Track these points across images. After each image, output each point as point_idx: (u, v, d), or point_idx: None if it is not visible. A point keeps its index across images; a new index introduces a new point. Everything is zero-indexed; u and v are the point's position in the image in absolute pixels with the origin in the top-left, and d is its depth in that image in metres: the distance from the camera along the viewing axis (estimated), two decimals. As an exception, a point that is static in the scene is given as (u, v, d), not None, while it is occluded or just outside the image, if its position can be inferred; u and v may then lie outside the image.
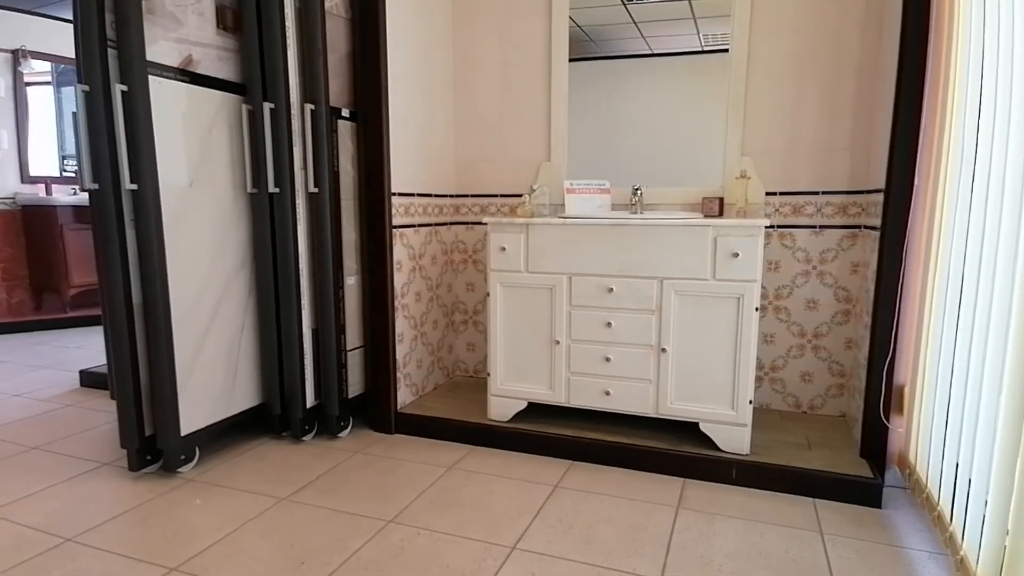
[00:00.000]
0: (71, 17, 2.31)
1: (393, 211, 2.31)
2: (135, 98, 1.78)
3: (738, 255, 1.91)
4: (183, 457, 2.02)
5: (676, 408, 2.07)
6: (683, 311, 2.02)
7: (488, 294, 2.25)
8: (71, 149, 4.97)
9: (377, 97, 2.22)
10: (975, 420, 1.35)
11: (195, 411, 2.04)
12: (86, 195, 4.74)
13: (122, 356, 1.91)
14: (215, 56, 2.05)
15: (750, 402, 1.98)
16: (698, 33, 2.40)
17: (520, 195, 2.66)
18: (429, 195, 2.57)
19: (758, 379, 2.43)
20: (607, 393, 2.13)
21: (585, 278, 2.11)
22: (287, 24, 2.07)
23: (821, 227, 2.31)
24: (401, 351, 2.43)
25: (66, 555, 1.57)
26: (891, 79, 1.84)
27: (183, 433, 2.00)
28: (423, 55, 2.48)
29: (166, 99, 1.88)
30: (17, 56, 4.62)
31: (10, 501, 1.85)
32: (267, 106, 2.07)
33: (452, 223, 2.78)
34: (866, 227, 2.18)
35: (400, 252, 2.38)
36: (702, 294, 1.98)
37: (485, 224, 2.73)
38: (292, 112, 2.12)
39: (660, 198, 2.44)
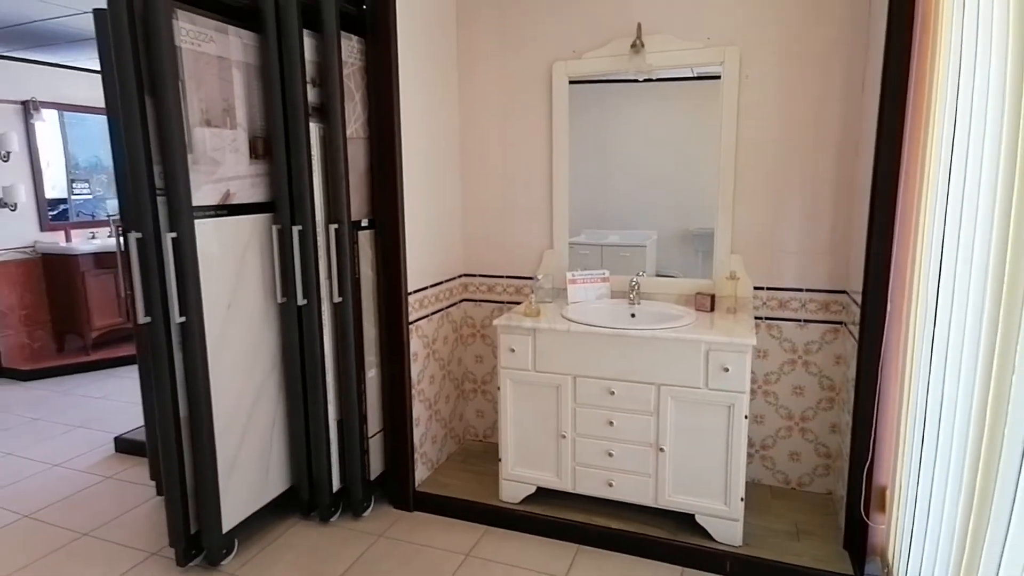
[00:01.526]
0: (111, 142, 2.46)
1: (409, 308, 2.50)
2: (183, 242, 1.96)
3: (728, 369, 2.12)
4: (224, 551, 2.23)
5: (674, 500, 2.28)
6: (679, 414, 2.22)
7: (499, 386, 2.45)
8: (78, 173, 5.13)
9: (394, 208, 2.40)
10: (949, 525, 1.46)
11: (234, 507, 2.25)
12: (104, 242, 4.93)
13: (171, 465, 2.11)
14: (248, 184, 2.23)
15: (741, 499, 2.19)
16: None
17: (524, 277, 2.86)
18: (440, 283, 2.76)
19: (749, 456, 2.64)
20: (610, 484, 2.35)
21: (588, 380, 2.31)
22: (312, 151, 2.25)
23: (805, 321, 2.51)
24: (418, 433, 2.64)
25: (136, 663, 1.79)
26: (867, 193, 2.00)
27: (224, 530, 2.21)
28: (435, 157, 2.66)
29: (208, 235, 2.06)
30: (28, 107, 4.77)
31: (76, 600, 2.06)
32: (295, 228, 2.25)
33: (461, 301, 2.97)
34: (847, 324, 2.38)
35: (416, 344, 2.58)
36: (696, 401, 2.19)
37: (492, 302, 2.94)
38: (317, 229, 2.30)
39: (657, 288, 2.64)
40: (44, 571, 2.23)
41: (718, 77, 2.46)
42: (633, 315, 2.48)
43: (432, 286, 2.69)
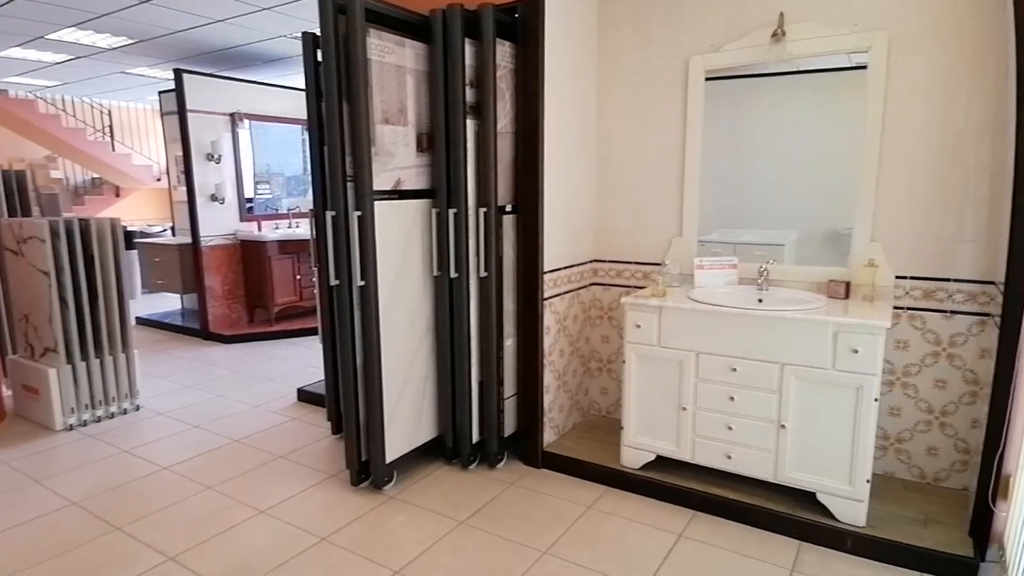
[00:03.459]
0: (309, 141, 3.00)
1: (544, 286, 2.79)
2: (365, 220, 2.40)
3: (858, 351, 2.15)
4: (386, 479, 2.67)
5: (794, 477, 2.34)
6: (803, 394, 2.28)
7: (624, 361, 2.66)
8: (261, 176, 6.03)
9: (535, 196, 2.70)
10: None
11: (394, 444, 2.68)
12: (285, 232, 5.80)
13: (348, 403, 2.58)
14: (415, 173, 2.64)
15: (867, 481, 2.20)
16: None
17: (652, 263, 3.02)
18: (572, 265, 3.02)
19: (882, 448, 2.60)
20: (729, 457, 2.46)
21: (711, 357, 2.44)
22: (468, 144, 2.61)
23: (952, 312, 2.43)
24: (547, 399, 2.91)
25: (324, 552, 2.24)
26: (1010, 179, 1.95)
27: (388, 460, 2.64)
28: (573, 150, 2.92)
29: (383, 215, 2.50)
30: (234, 119, 5.74)
31: (278, 502, 2.60)
32: (451, 212, 2.63)
33: (591, 284, 3.21)
34: (995, 316, 2.28)
35: (549, 318, 2.86)
36: (821, 381, 2.23)
37: (620, 287, 3.13)
38: (469, 213, 2.66)
39: (786, 275, 2.68)
40: (253, 479, 2.81)
41: (861, 68, 2.45)
42: (760, 300, 2.55)
43: (565, 268, 2.95)
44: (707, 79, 2.78)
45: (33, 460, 3.04)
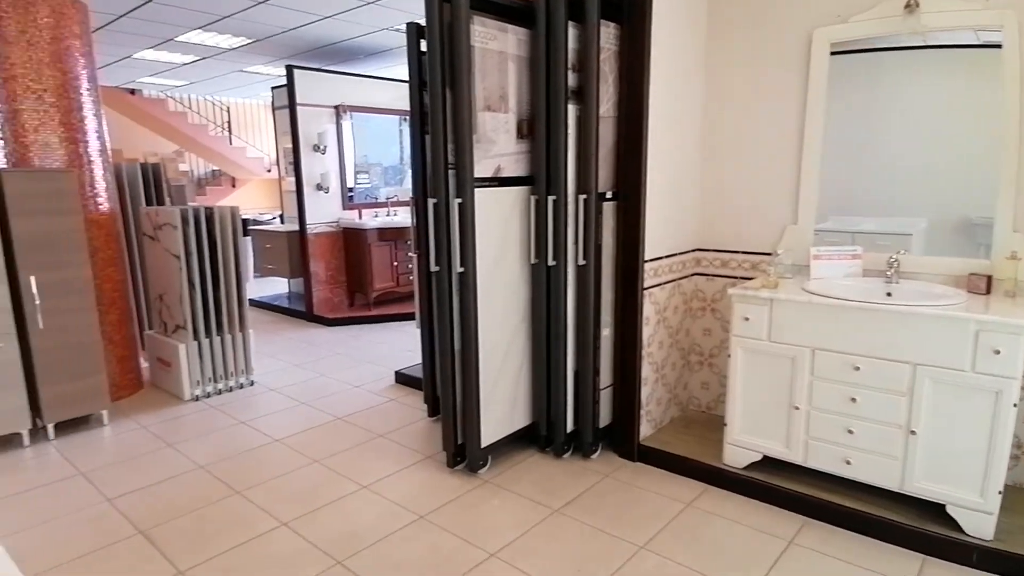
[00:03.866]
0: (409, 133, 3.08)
1: (644, 275, 2.70)
2: (465, 207, 2.43)
3: (999, 352, 1.91)
4: (481, 462, 2.71)
5: (921, 487, 2.14)
6: (936, 397, 2.07)
7: (729, 355, 2.53)
8: (360, 166, 6.26)
9: (637, 181, 2.61)
10: None
11: (489, 429, 2.71)
12: (383, 220, 6.02)
13: (446, 386, 2.63)
14: (514, 160, 2.64)
15: (999, 492, 1.98)
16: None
17: (761, 253, 2.85)
18: (674, 254, 2.90)
19: (1015, 457, 2.32)
20: (848, 462, 2.28)
21: (830, 354, 2.26)
22: (568, 130, 2.57)
23: (1118, 311, 2.11)
24: (644, 392, 2.83)
25: (423, 529, 2.31)
26: None
27: (483, 445, 2.68)
28: (677, 134, 2.80)
29: (483, 202, 2.51)
30: (338, 111, 6.00)
31: (379, 479, 2.71)
32: (550, 198, 2.60)
33: (693, 274, 3.08)
34: None
35: (648, 309, 2.77)
36: (959, 384, 2.02)
37: (725, 277, 2.98)
38: (568, 200, 2.62)
39: (919, 267, 2.43)
40: (355, 455, 2.95)
41: (995, 46, 2.17)
42: (889, 294, 2.34)
43: (666, 257, 2.85)
44: (832, 54, 2.56)
45: (166, 426, 3.35)
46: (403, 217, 6.31)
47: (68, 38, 3.30)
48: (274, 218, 8.82)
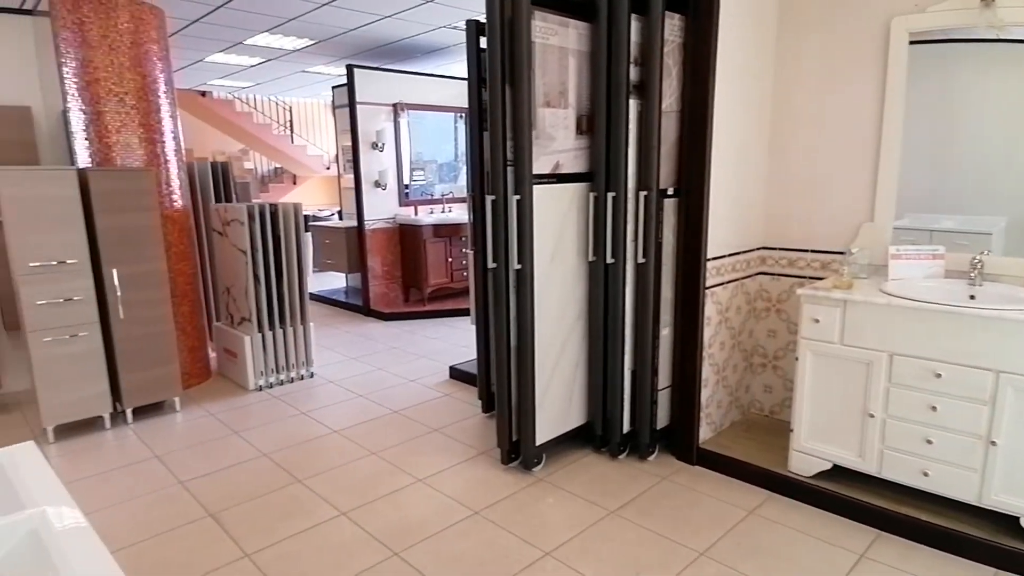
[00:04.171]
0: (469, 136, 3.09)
1: (706, 274, 2.62)
2: (523, 203, 2.41)
3: (1105, 362, 1.76)
4: (536, 460, 2.69)
5: (998, 500, 2.00)
6: (1019, 406, 1.92)
7: (797, 358, 2.42)
8: (415, 163, 6.33)
9: (700, 178, 2.53)
10: None
11: (544, 427, 2.69)
12: (439, 216, 6.09)
13: (502, 382, 2.63)
14: (573, 156, 2.60)
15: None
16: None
17: (832, 252, 2.72)
18: (737, 253, 2.80)
19: None
20: (925, 474, 2.15)
21: (908, 359, 2.13)
22: (629, 126, 2.51)
23: None
24: (704, 394, 2.75)
25: (478, 525, 2.32)
26: None
27: (537, 442, 2.66)
28: (743, 128, 2.70)
29: (540, 199, 2.49)
30: (396, 109, 6.10)
31: (434, 473, 2.74)
32: (610, 195, 2.56)
33: (758, 274, 2.96)
34: None
35: (710, 308, 2.69)
36: (1051, 395, 1.87)
37: (792, 277, 2.86)
38: (628, 196, 2.57)
39: (1006, 269, 2.27)
40: (411, 448, 2.99)
41: None
42: (972, 296, 2.19)
43: (730, 255, 2.75)
44: (911, 43, 2.41)
45: (232, 414, 3.50)
46: (457, 214, 6.37)
47: (147, 42, 3.47)
48: (332, 214, 9.07)
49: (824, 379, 2.36)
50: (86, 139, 3.38)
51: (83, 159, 3.41)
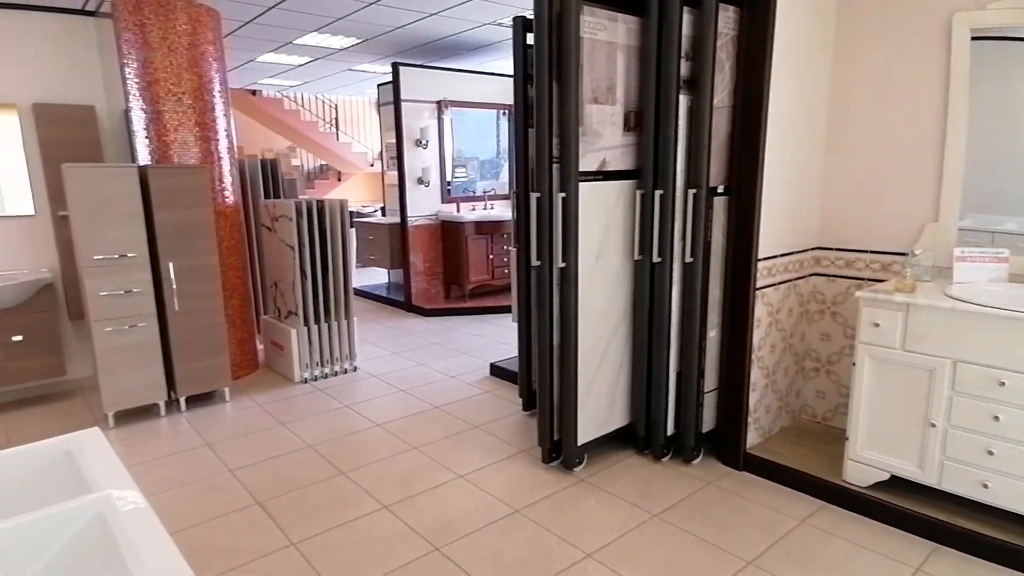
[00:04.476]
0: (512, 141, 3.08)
1: (757, 274, 2.54)
2: (569, 201, 2.39)
3: None
4: (577, 460, 2.67)
5: (1077, 522, 1.87)
6: (1104, 423, 1.80)
7: (854, 363, 2.32)
8: (457, 160, 6.37)
9: (753, 175, 2.45)
10: None
11: (586, 427, 2.66)
12: (481, 213, 6.11)
13: (544, 381, 2.62)
14: (619, 153, 2.56)
15: None
16: None
17: (893, 253, 2.60)
18: (790, 253, 2.71)
19: None
20: (985, 486, 2.03)
21: (972, 366, 2.02)
22: (679, 122, 2.46)
23: None
24: (753, 398, 2.67)
25: (518, 523, 2.31)
26: None
27: (579, 442, 2.64)
28: (799, 124, 2.60)
29: (586, 196, 2.46)
30: (440, 106, 6.13)
31: (474, 470, 2.74)
32: (657, 193, 2.51)
33: (811, 275, 2.86)
34: None
35: (760, 310, 2.61)
36: None
37: (849, 278, 2.75)
38: (676, 194, 2.52)
39: (1084, 273, 2.12)
40: (451, 444, 3.00)
41: None
42: (1043, 301, 2.06)
43: (782, 255, 2.66)
44: (973, 39, 2.29)
45: (279, 406, 3.58)
46: (499, 211, 6.37)
47: (203, 43, 3.59)
48: (375, 211, 9.21)
49: (883, 386, 2.26)
50: (146, 137, 3.51)
51: (143, 157, 3.55)
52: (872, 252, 2.68)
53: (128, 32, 3.41)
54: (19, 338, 3.49)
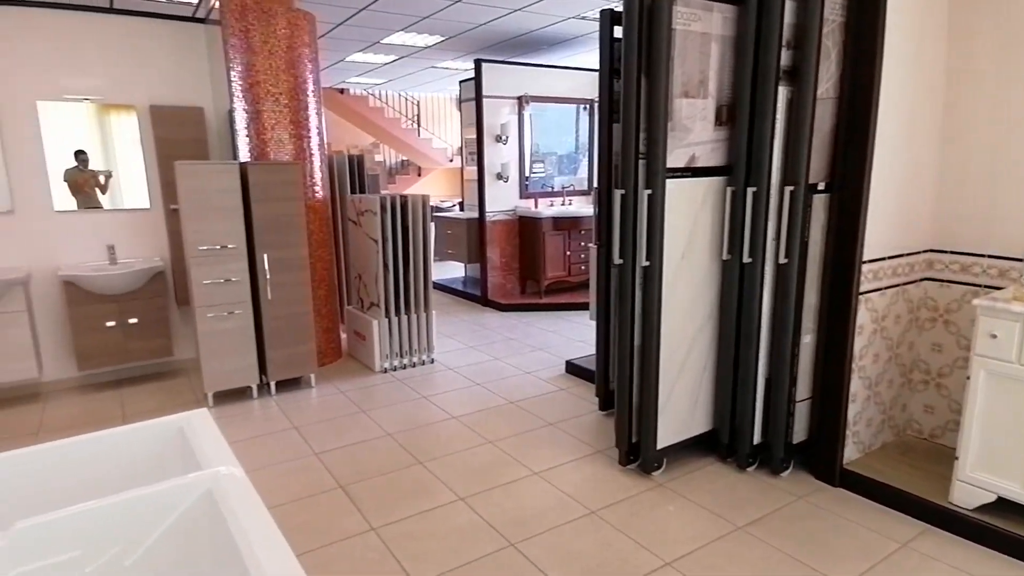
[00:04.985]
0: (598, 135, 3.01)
1: (861, 277, 2.37)
2: (655, 198, 2.31)
3: None
4: (656, 464, 2.59)
5: None
6: None
7: (968, 377, 2.12)
8: (535, 156, 6.35)
9: (859, 172, 2.28)
10: None
11: (666, 430, 2.58)
12: (559, 209, 6.07)
13: (623, 382, 2.56)
14: (709, 149, 2.46)
15: None
16: None
17: (1012, 259, 2.35)
18: (899, 255, 2.51)
19: None
20: None
21: (1118, 388, 1.79)
22: (776, 115, 2.32)
23: None
24: (852, 410, 2.50)
25: (594, 525, 2.28)
26: None
27: (658, 446, 2.56)
28: (911, 117, 2.40)
29: (672, 193, 2.37)
30: (521, 101, 6.14)
31: (549, 467, 2.73)
32: (750, 190, 2.38)
33: (923, 280, 2.63)
34: None
35: (863, 316, 2.43)
36: None
37: (965, 285, 2.52)
38: (771, 192, 2.38)
39: None
40: (527, 440, 3.00)
41: None
42: None
43: (890, 258, 2.47)
44: None
45: (360, 393, 3.72)
46: (577, 207, 6.31)
47: (300, 46, 3.76)
48: (454, 205, 9.36)
49: (999, 403, 2.05)
50: (247, 136, 3.73)
51: (243, 154, 3.77)
52: (991, 256, 2.43)
53: (234, 38, 3.62)
54: (135, 320, 3.81)
